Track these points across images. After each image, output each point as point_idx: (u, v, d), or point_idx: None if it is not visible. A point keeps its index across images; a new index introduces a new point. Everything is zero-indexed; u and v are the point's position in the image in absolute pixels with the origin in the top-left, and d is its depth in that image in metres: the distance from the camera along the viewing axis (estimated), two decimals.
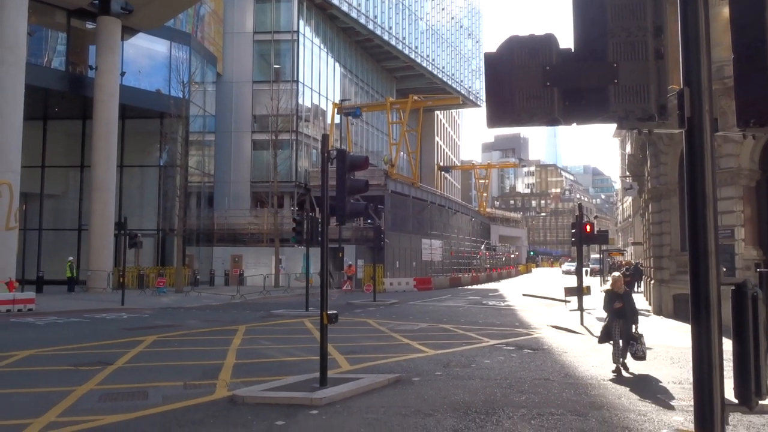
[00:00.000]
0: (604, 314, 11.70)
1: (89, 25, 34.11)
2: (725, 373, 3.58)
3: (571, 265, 75.22)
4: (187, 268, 36.91)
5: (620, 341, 11.07)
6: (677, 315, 20.23)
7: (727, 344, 3.57)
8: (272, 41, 48.85)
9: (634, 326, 11.05)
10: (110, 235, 32.12)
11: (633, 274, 30.76)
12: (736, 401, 3.70)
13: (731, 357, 3.75)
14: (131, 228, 27.51)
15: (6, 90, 25.30)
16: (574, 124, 3.68)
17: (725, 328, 3.55)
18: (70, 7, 32.75)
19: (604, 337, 11.46)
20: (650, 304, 24.31)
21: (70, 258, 33.22)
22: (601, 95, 3.44)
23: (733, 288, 3.72)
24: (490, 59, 3.75)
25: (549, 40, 3.60)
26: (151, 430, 7.28)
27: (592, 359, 12.50)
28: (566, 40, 3.58)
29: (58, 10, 32.88)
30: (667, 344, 14.69)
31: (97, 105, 32.51)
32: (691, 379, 3.68)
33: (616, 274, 11.82)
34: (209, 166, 44.97)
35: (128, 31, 34.69)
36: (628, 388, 9.90)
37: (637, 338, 10.91)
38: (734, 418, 7.60)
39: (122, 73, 33.90)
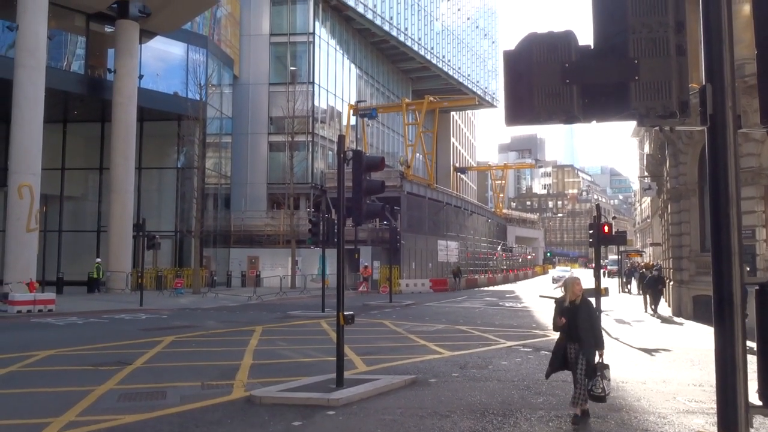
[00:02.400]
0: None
1: (108, 29, 34.50)
2: (748, 374, 3.51)
3: (564, 270, 59.58)
4: (204, 269, 37.19)
5: (582, 377, 7.49)
6: (697, 317, 19.98)
7: (750, 346, 3.51)
8: (288, 43, 49.06)
9: (597, 352, 7.54)
10: (129, 237, 32.43)
11: (658, 277, 24.32)
12: (759, 403, 3.63)
13: (754, 359, 3.68)
14: (149, 229, 27.74)
15: (26, 93, 25.69)
16: (594, 121, 3.63)
17: (748, 330, 3.48)
18: (89, 11, 33.15)
19: (553, 366, 7.89)
20: (669, 306, 24.02)
21: (98, 259, 33.42)
22: (622, 92, 3.39)
23: (757, 288, 3.66)
24: (508, 57, 3.72)
25: (568, 37, 3.55)
26: (169, 430, 7.32)
27: (609, 362, 12.35)
28: (585, 37, 3.54)
29: (77, 14, 33.29)
30: (687, 346, 14.51)
31: (115, 108, 32.87)
32: (711, 382, 3.62)
33: (572, 277, 8.11)
34: (226, 167, 45.24)
35: (146, 34, 35.03)
36: (647, 391, 9.78)
37: (600, 370, 7.44)
38: (757, 420, 7.47)
39: (140, 76, 34.20)
